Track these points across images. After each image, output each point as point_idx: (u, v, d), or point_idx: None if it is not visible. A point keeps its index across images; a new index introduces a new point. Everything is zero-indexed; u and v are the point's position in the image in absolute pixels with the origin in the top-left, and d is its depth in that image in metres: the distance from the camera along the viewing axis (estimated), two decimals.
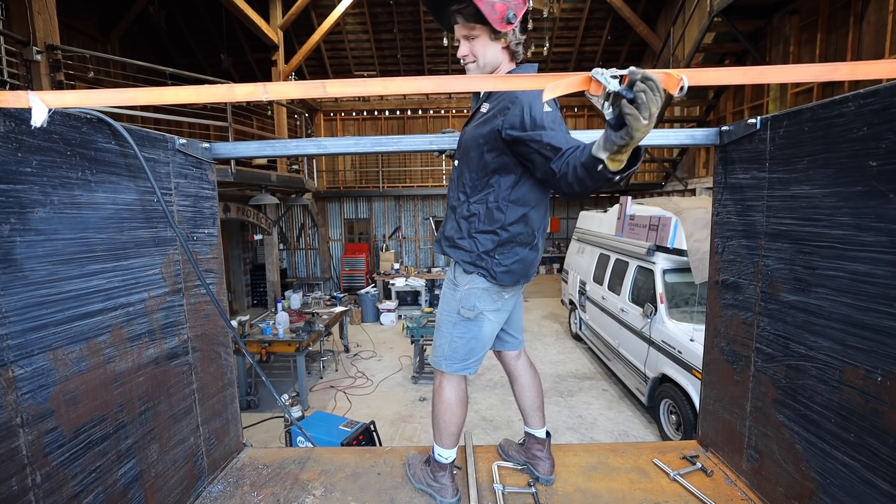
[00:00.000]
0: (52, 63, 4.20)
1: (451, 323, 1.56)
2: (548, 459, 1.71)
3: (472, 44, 1.40)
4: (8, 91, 0.96)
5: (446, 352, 1.57)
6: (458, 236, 1.52)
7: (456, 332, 1.55)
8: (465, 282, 1.53)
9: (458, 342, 1.55)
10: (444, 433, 1.58)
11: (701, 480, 1.65)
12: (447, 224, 1.58)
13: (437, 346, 1.61)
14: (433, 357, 1.62)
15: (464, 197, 1.50)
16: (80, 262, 1.15)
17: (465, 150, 1.49)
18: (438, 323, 1.61)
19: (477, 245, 1.48)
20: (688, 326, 3.91)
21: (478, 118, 1.47)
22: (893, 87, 1.01)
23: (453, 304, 1.56)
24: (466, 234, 1.50)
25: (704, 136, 1.67)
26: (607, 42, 10.42)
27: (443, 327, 1.59)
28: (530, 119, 1.25)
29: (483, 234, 1.47)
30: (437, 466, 1.60)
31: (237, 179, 5.65)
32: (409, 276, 10.29)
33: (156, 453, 1.39)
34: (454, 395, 1.58)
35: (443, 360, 1.57)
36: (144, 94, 1.11)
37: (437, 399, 1.60)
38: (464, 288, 1.53)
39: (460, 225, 1.51)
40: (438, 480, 1.58)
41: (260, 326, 5.73)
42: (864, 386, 1.11)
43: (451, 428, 1.58)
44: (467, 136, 1.50)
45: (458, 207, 1.52)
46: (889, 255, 1.04)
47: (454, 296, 1.56)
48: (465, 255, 1.50)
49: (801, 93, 5.58)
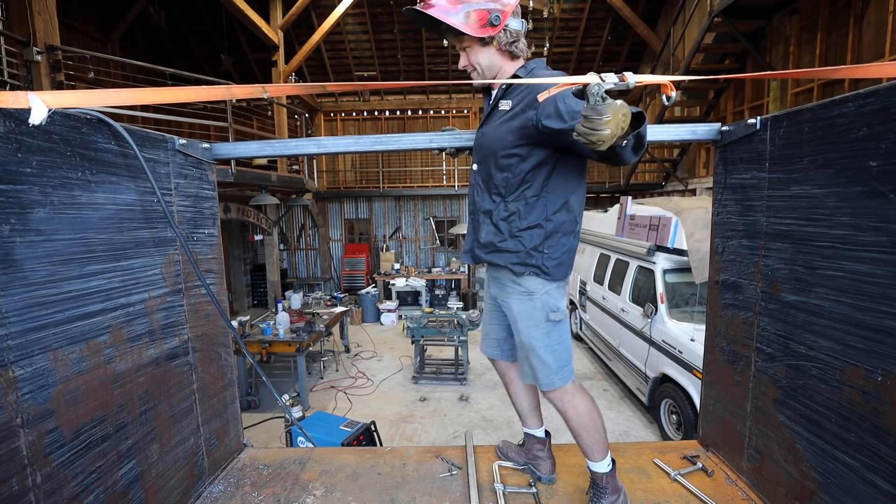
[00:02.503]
0: (53, 63, 4.20)
1: (544, 334, 1.46)
2: (549, 459, 1.71)
3: (467, 54, 1.41)
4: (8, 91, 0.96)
5: (554, 365, 1.46)
6: (500, 240, 1.45)
7: (552, 340, 1.47)
8: (538, 284, 1.45)
9: (559, 348, 1.48)
10: (601, 442, 1.49)
11: (701, 480, 1.65)
12: (481, 230, 1.50)
13: (541, 366, 1.47)
14: (543, 382, 1.48)
15: (499, 199, 1.44)
16: (81, 262, 1.15)
17: (490, 150, 1.44)
18: (527, 344, 1.47)
19: (523, 243, 1.42)
20: (688, 326, 3.91)
21: (498, 116, 1.43)
22: (893, 87, 1.01)
23: (538, 314, 1.46)
24: (508, 235, 1.43)
25: (706, 132, 1.67)
26: (607, 42, 10.40)
27: (537, 344, 1.46)
28: (567, 109, 1.22)
29: (527, 231, 1.42)
30: (612, 478, 1.49)
31: (237, 180, 5.64)
32: (410, 276, 10.30)
33: (156, 454, 1.39)
34: (588, 400, 1.51)
35: (555, 376, 1.46)
36: (144, 95, 1.11)
37: (578, 414, 1.48)
38: (541, 291, 1.45)
39: (499, 227, 1.45)
40: (620, 491, 1.50)
41: (260, 327, 5.73)
42: (865, 386, 1.10)
43: (603, 433, 1.50)
44: (490, 136, 1.45)
45: (494, 210, 1.45)
46: (889, 255, 1.04)
47: (534, 304, 1.46)
48: (511, 258, 1.44)
49: (801, 93, 5.58)
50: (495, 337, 1.71)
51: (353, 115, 12.21)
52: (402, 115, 12.06)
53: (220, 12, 8.42)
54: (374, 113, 12.11)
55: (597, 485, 1.49)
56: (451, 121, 11.96)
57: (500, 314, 1.65)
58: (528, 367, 1.51)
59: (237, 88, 1.21)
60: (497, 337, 1.71)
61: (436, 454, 1.88)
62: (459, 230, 9.50)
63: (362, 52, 10.96)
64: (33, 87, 4.17)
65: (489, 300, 1.71)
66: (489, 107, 1.51)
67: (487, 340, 1.75)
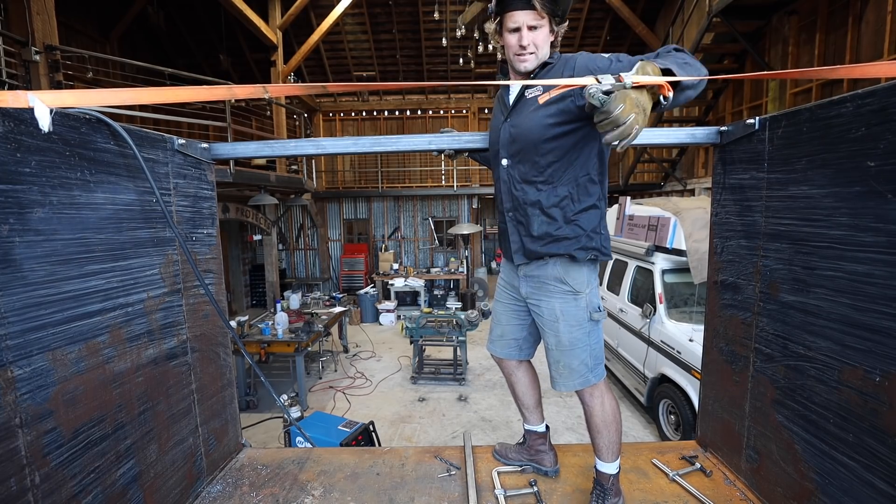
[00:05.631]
0: (51, 63, 4.19)
1: (585, 334, 1.45)
2: (551, 451, 1.74)
3: (535, 33, 1.34)
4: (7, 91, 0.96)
5: (591, 363, 1.46)
6: (555, 228, 1.40)
7: (593, 339, 1.46)
8: (584, 283, 1.43)
9: (597, 347, 1.48)
10: (617, 443, 1.49)
11: (700, 481, 1.65)
12: (532, 224, 1.43)
13: (580, 365, 1.45)
14: (578, 380, 1.46)
15: (546, 186, 1.39)
16: (79, 262, 1.15)
17: (530, 139, 1.39)
18: (568, 344, 1.45)
19: (581, 227, 1.39)
20: (687, 327, 3.91)
21: (533, 103, 1.39)
22: (891, 87, 1.01)
23: (581, 314, 1.44)
24: (563, 221, 1.39)
25: (705, 135, 1.67)
26: (606, 42, 10.41)
27: (578, 344, 1.44)
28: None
29: (583, 213, 1.40)
30: (617, 480, 1.49)
31: (236, 180, 5.64)
32: (409, 276, 10.29)
33: (155, 454, 1.39)
34: (615, 399, 1.51)
35: (591, 374, 1.46)
36: (145, 95, 1.11)
37: (604, 411, 1.48)
38: (587, 291, 1.44)
39: (552, 215, 1.40)
40: (621, 494, 1.51)
41: (259, 327, 5.72)
42: (863, 386, 1.11)
43: (620, 435, 1.50)
44: (526, 125, 1.39)
45: (543, 199, 1.40)
46: (887, 256, 1.04)
47: (578, 304, 1.44)
48: (572, 244, 1.40)
49: (799, 93, 5.59)
50: (514, 338, 1.68)
51: (351, 115, 12.20)
52: (401, 116, 12.06)
53: (219, 12, 8.41)
54: (373, 113, 12.10)
55: (602, 485, 1.49)
56: (450, 121, 11.96)
57: (521, 314, 1.63)
58: (565, 367, 1.47)
59: (238, 89, 1.21)
60: (516, 337, 1.67)
61: (434, 454, 1.88)
62: (458, 230, 9.49)
63: (361, 52, 10.96)
64: (32, 87, 4.16)
65: (507, 301, 1.67)
66: (515, 96, 1.45)
67: (504, 342, 1.70)
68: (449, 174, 11.64)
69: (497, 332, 1.72)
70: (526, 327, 1.65)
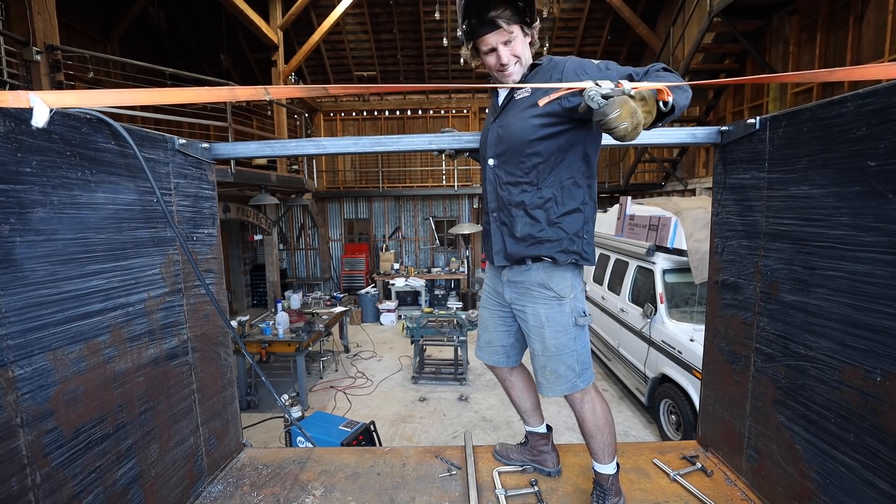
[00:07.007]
0: (52, 63, 4.20)
1: (571, 339, 1.44)
2: (553, 452, 1.74)
3: (511, 46, 1.34)
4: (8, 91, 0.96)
5: (578, 369, 1.45)
6: (538, 230, 1.39)
7: (579, 345, 1.46)
8: (568, 288, 1.43)
9: (583, 351, 1.47)
10: (612, 444, 1.49)
11: (701, 481, 1.65)
12: (515, 225, 1.42)
13: (566, 370, 1.45)
14: (566, 385, 1.45)
15: (531, 188, 1.39)
16: (80, 262, 1.15)
17: (516, 140, 1.38)
18: (553, 350, 1.44)
19: (563, 230, 1.39)
20: (688, 326, 3.91)
21: (519, 105, 1.39)
22: (892, 87, 1.01)
23: (566, 319, 1.43)
24: (547, 224, 1.39)
25: (705, 135, 1.67)
26: (607, 42, 10.40)
27: (564, 350, 1.44)
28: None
29: (567, 216, 1.39)
30: (617, 479, 1.49)
31: (237, 179, 5.64)
32: (409, 276, 10.29)
33: (155, 453, 1.39)
34: (605, 403, 1.51)
35: (578, 380, 1.45)
36: (146, 95, 1.11)
37: (595, 416, 1.48)
38: (571, 296, 1.43)
39: (535, 216, 1.39)
40: (621, 494, 1.51)
41: (260, 327, 5.72)
42: (864, 386, 1.11)
43: (614, 436, 1.50)
44: (513, 126, 1.39)
45: (528, 200, 1.39)
46: (888, 256, 1.04)
47: (563, 309, 1.43)
48: (553, 247, 1.39)
49: (800, 93, 5.58)
50: (501, 344, 1.66)
51: (352, 115, 12.20)
52: (402, 115, 12.06)
53: (220, 12, 8.41)
54: (374, 113, 12.10)
55: (602, 486, 1.49)
56: (451, 121, 11.96)
57: (507, 320, 1.62)
58: (551, 372, 1.46)
59: (240, 90, 1.21)
60: (503, 344, 1.66)
61: (435, 454, 1.88)
62: (459, 230, 9.49)
63: (362, 51, 10.96)
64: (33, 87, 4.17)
65: (492, 307, 1.65)
66: (504, 98, 1.46)
67: (491, 348, 1.68)
68: (450, 174, 11.64)
69: (484, 338, 1.71)
70: (512, 333, 1.64)
